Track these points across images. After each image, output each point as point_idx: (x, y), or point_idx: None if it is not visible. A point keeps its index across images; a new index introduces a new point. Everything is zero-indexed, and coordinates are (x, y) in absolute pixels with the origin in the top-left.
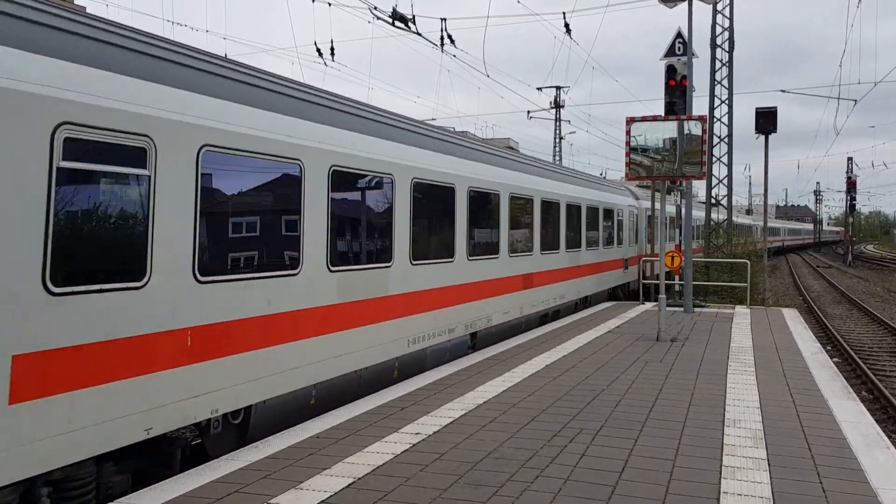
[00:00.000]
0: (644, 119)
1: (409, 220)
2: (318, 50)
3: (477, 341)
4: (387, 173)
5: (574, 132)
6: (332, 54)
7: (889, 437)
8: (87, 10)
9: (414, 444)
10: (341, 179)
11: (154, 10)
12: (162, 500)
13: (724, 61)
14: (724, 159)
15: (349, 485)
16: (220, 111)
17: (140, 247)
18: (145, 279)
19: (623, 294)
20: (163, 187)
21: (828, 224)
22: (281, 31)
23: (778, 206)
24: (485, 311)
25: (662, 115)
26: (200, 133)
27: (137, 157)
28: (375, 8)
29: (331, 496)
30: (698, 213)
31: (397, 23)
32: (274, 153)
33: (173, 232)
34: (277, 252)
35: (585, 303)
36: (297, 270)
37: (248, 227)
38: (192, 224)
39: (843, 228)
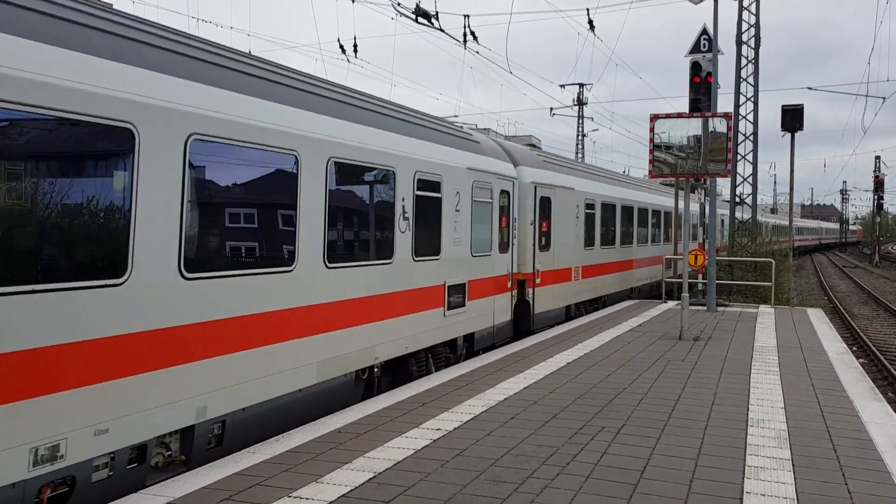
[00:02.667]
0: (668, 116)
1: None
2: (342, 47)
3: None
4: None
5: (597, 129)
6: (356, 51)
7: None
8: (113, 7)
9: (434, 440)
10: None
11: (179, 7)
12: (185, 491)
13: (749, 58)
14: (750, 157)
15: (370, 479)
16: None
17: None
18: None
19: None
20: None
21: (853, 223)
22: (305, 28)
23: (803, 206)
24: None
25: (687, 112)
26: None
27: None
28: (399, 4)
29: (351, 490)
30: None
31: (420, 19)
32: None
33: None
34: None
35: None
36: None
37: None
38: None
39: (860, 227)
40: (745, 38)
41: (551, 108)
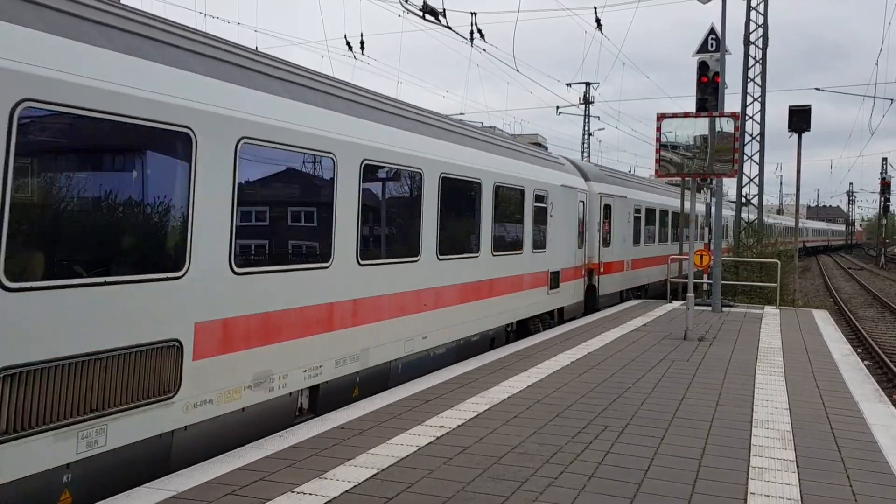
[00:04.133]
0: (675, 115)
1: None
2: (348, 43)
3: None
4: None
5: (603, 128)
6: (362, 48)
7: None
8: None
9: (438, 437)
10: None
11: (187, 2)
12: (189, 485)
13: (757, 58)
14: (756, 157)
15: (373, 476)
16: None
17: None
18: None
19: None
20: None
21: (860, 225)
22: (311, 25)
23: (809, 207)
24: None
25: (694, 111)
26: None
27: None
28: (406, 1)
29: (354, 486)
30: (727, 212)
31: (427, 16)
32: None
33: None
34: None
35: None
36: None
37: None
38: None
39: (860, 229)
40: (752, 38)
41: (557, 107)
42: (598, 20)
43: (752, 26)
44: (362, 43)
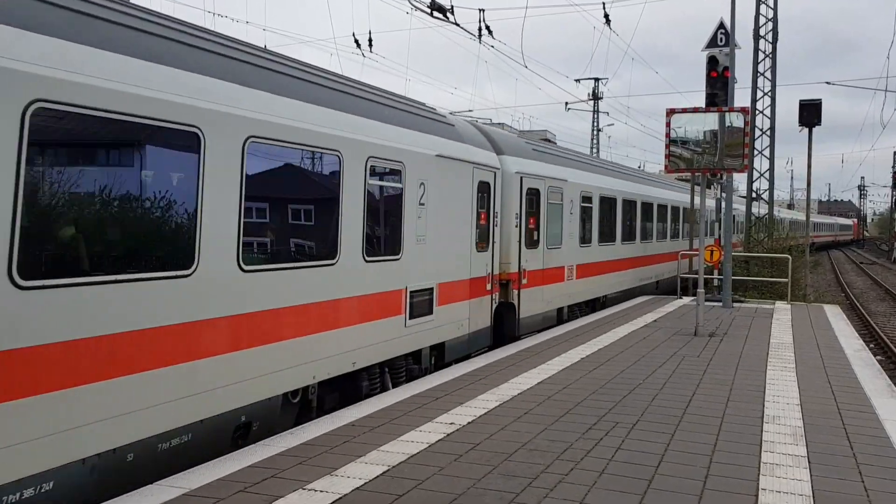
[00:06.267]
0: (685, 111)
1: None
2: (357, 41)
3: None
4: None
5: (612, 124)
6: (370, 45)
7: None
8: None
9: (448, 434)
10: None
11: (195, 1)
12: (200, 482)
13: (767, 52)
14: (767, 152)
15: (384, 472)
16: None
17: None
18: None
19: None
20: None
21: (870, 220)
22: (319, 22)
23: (820, 201)
24: None
25: (703, 106)
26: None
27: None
28: None
29: (365, 483)
30: (738, 207)
31: (435, 13)
32: None
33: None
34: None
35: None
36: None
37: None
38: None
39: (855, 222)
40: (762, 32)
41: (566, 103)
42: (606, 15)
43: (762, 20)
44: (370, 41)
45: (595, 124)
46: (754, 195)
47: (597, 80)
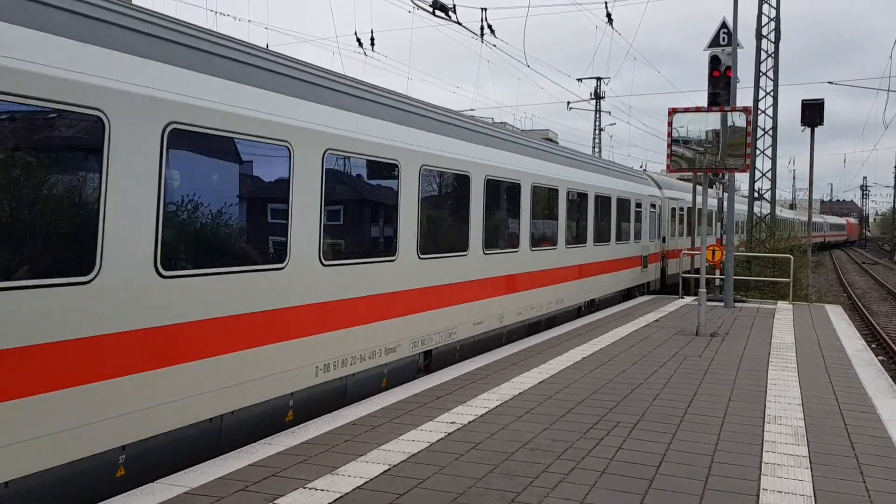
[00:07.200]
0: (687, 110)
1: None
2: (359, 40)
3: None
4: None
5: (614, 123)
6: (372, 44)
7: None
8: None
9: (449, 433)
10: None
11: (198, 0)
12: (202, 481)
13: (769, 52)
14: (769, 152)
15: (385, 471)
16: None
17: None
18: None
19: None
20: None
21: (874, 219)
22: (321, 21)
23: (822, 201)
24: None
25: (705, 106)
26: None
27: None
28: None
29: (366, 482)
30: (741, 207)
31: (438, 12)
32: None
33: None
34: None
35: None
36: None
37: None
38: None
39: (848, 221)
40: (765, 31)
41: (568, 102)
42: (608, 14)
43: (765, 19)
44: (372, 39)
45: (597, 124)
46: (756, 195)
47: (599, 79)
